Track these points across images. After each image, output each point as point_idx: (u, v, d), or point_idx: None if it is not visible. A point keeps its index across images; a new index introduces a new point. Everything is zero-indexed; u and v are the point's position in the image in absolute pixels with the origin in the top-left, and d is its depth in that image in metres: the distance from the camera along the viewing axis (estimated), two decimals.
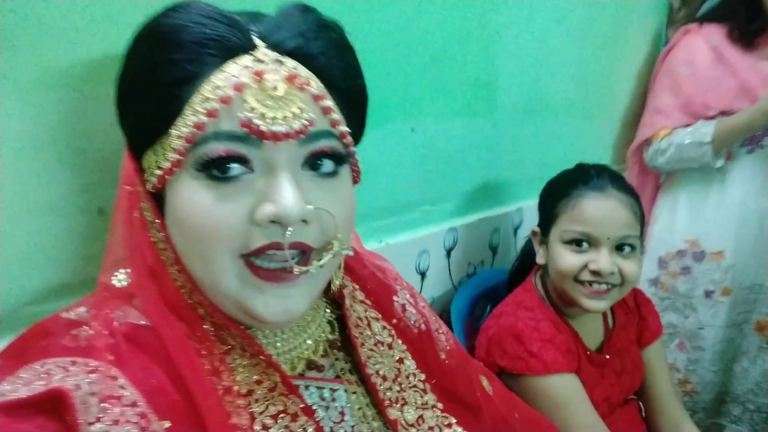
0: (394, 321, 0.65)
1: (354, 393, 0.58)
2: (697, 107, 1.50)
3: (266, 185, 0.47)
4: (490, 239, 1.39)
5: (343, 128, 0.51)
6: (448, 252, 1.28)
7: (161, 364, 0.48)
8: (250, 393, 0.50)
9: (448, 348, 0.69)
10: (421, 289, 1.24)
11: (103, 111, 0.64)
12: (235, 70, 0.46)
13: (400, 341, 0.64)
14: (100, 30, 0.65)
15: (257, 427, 0.49)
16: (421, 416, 0.60)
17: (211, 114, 0.45)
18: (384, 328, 0.64)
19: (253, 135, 0.46)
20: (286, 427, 0.50)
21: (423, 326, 0.67)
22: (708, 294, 1.58)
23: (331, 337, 0.61)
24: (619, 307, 1.17)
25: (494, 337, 1.03)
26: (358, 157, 0.57)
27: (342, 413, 0.56)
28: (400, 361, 0.62)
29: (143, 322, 0.50)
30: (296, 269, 0.49)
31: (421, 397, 0.62)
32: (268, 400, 0.50)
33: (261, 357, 0.51)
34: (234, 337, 0.51)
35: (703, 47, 1.50)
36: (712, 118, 1.48)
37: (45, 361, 0.45)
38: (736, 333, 1.59)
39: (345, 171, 0.53)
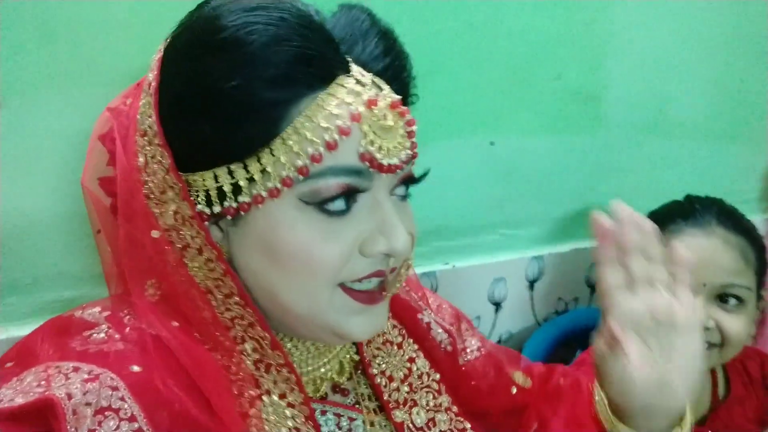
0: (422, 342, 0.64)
1: (372, 424, 0.56)
2: None
3: (373, 218, 0.46)
4: (587, 274, 1.21)
5: (417, 150, 0.49)
6: (531, 283, 1.14)
7: (177, 377, 0.45)
8: None
9: (475, 357, 0.67)
10: (494, 321, 1.12)
11: None
12: (345, 95, 0.43)
13: (411, 340, 0.62)
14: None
15: None
16: (432, 419, 0.58)
17: (330, 146, 0.43)
18: (394, 327, 0.62)
19: (373, 169, 0.44)
20: None
21: (450, 347, 0.65)
22: None
23: (356, 357, 0.59)
24: (738, 375, 0.97)
25: None
26: (424, 167, 0.54)
27: None
28: (411, 360, 0.60)
29: (158, 333, 0.47)
30: (386, 294, 0.50)
31: (434, 398, 0.59)
32: None
33: (305, 408, 0.49)
34: (277, 382, 0.49)
35: None
36: None
37: (49, 365, 0.44)
38: None
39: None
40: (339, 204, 0.44)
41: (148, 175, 0.46)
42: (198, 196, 0.45)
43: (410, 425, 0.56)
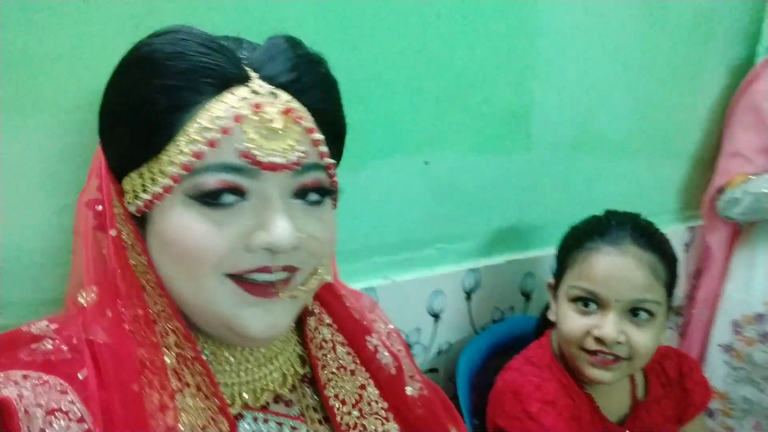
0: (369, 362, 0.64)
1: None
2: None
3: (259, 214, 0.49)
4: (522, 284, 1.28)
5: (330, 160, 0.53)
6: (468, 294, 1.19)
7: (115, 385, 0.47)
8: None
9: (417, 396, 0.66)
10: (434, 332, 1.16)
11: (79, 134, 0.66)
12: (234, 101, 0.47)
13: (363, 368, 0.63)
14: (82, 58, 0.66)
15: None
16: None
17: (212, 144, 0.47)
18: (348, 354, 0.63)
19: (253, 166, 0.47)
20: None
21: (394, 371, 0.65)
22: None
23: (301, 371, 0.60)
24: (656, 377, 1.02)
25: (496, 392, 0.94)
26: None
27: None
28: (363, 387, 0.62)
29: (103, 341, 0.49)
30: (282, 294, 0.51)
31: (382, 425, 0.60)
32: None
33: (215, 400, 0.50)
34: (194, 374, 0.50)
35: None
36: None
37: None
38: None
39: (328, 199, 0.55)
40: (224, 198, 0.48)
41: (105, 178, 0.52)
42: (135, 200, 0.50)
43: None
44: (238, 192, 0.48)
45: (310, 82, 0.51)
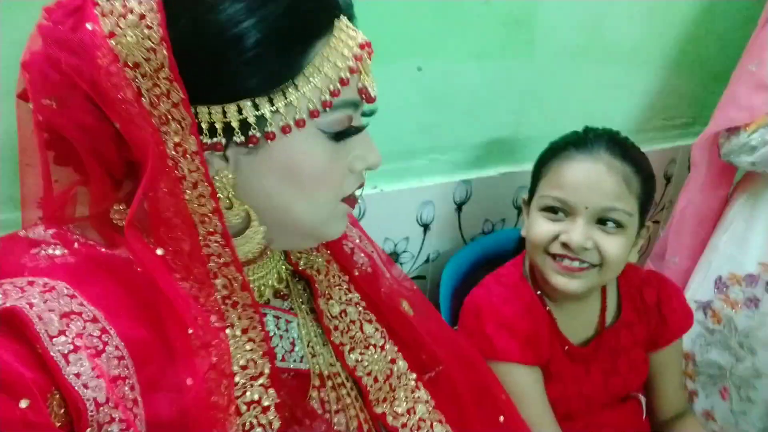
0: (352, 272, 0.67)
1: (305, 324, 0.63)
2: None
3: (358, 142, 0.53)
4: (514, 197, 1.26)
5: None
6: (459, 206, 1.18)
7: (129, 292, 0.47)
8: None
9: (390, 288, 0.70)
10: (423, 241, 1.17)
11: None
12: (347, 38, 0.49)
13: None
14: None
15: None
16: (344, 311, 0.64)
17: (344, 83, 0.49)
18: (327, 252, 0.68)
19: (365, 101, 0.52)
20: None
21: (369, 269, 0.69)
22: None
23: (290, 267, 0.64)
24: (630, 301, 1.01)
25: (464, 305, 0.96)
26: None
27: (293, 343, 0.60)
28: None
29: (106, 251, 0.49)
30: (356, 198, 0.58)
31: (345, 294, 0.66)
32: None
33: (261, 342, 0.53)
34: (237, 316, 0.52)
35: None
36: None
37: (2, 282, 0.44)
38: None
39: None
40: (347, 133, 0.52)
41: (144, 107, 0.45)
42: (203, 128, 0.47)
43: (327, 314, 0.62)
44: (356, 130, 0.52)
45: (351, 7, 0.53)
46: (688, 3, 1.34)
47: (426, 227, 1.16)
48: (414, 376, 0.65)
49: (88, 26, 0.45)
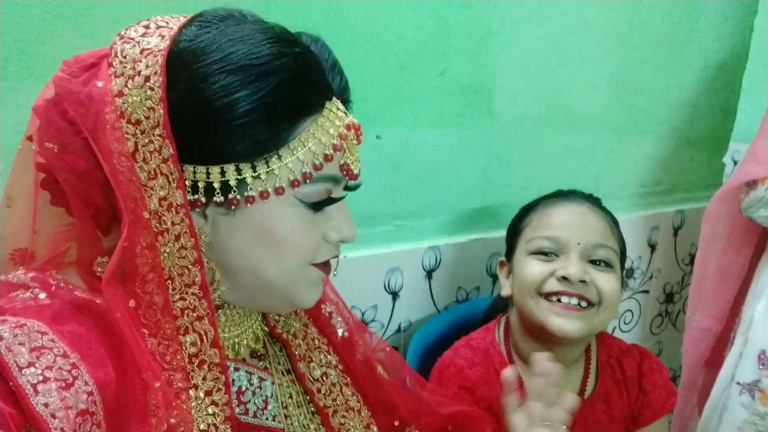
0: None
1: (281, 385, 0.63)
2: None
3: (335, 213, 0.56)
4: (488, 264, 1.25)
5: None
6: (429, 273, 1.17)
7: (104, 335, 0.48)
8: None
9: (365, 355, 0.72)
10: (392, 310, 1.15)
11: None
12: (336, 118, 0.53)
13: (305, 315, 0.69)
14: None
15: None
16: (325, 373, 0.66)
17: (327, 159, 0.52)
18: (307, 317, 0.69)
19: (347, 177, 0.55)
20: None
21: (347, 333, 0.71)
22: None
23: (266, 329, 0.65)
24: (610, 373, 0.96)
25: (433, 367, 0.93)
26: None
27: (266, 401, 0.61)
28: (306, 326, 0.68)
29: (84, 296, 0.50)
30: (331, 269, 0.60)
31: (325, 357, 0.67)
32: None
33: (225, 405, 0.53)
34: (203, 377, 0.52)
35: None
36: None
37: None
38: None
39: None
40: (324, 204, 0.54)
41: (136, 162, 0.49)
42: (187, 185, 0.50)
43: (309, 377, 0.64)
44: (333, 201, 0.55)
45: (347, 93, 0.57)
46: (656, 69, 1.38)
47: (395, 295, 1.14)
48: None
49: (99, 84, 0.49)
